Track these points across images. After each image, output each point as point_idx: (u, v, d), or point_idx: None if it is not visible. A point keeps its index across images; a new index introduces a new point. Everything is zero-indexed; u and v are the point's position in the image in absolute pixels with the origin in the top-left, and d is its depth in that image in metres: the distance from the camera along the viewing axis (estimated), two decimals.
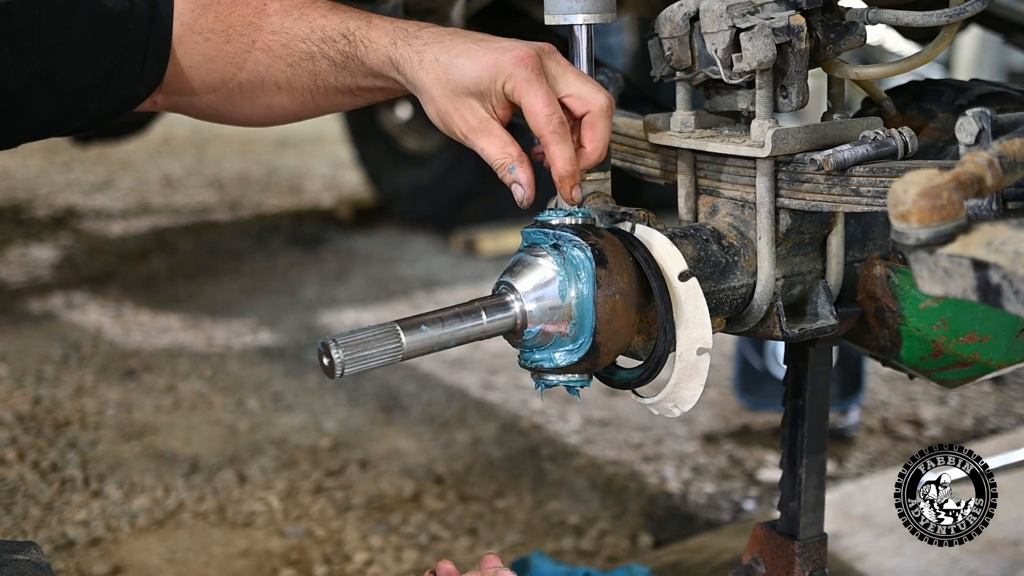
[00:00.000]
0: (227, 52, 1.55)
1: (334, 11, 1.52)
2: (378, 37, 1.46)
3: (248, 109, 1.62)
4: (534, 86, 1.34)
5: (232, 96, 1.60)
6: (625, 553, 2.58)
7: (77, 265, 5.00)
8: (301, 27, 1.52)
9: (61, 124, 1.55)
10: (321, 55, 1.51)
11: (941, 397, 3.45)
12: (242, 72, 1.56)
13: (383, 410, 3.38)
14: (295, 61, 1.53)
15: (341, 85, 1.53)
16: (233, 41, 1.55)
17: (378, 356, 1.22)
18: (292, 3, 1.55)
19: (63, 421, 3.27)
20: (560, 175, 1.34)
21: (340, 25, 1.49)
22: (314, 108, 1.60)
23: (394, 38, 1.45)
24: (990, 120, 1.12)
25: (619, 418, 3.28)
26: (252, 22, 1.54)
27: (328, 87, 1.54)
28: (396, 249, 5.21)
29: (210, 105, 1.62)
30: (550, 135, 1.33)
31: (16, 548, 1.36)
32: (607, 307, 1.27)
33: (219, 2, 1.56)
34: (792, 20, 1.31)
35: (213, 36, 1.55)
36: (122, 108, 1.58)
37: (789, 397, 1.64)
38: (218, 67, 1.57)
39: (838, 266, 1.47)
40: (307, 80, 1.54)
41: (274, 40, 1.53)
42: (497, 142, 1.38)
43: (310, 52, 1.51)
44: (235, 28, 1.55)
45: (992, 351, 1.49)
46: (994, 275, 0.95)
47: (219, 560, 2.55)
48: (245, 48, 1.55)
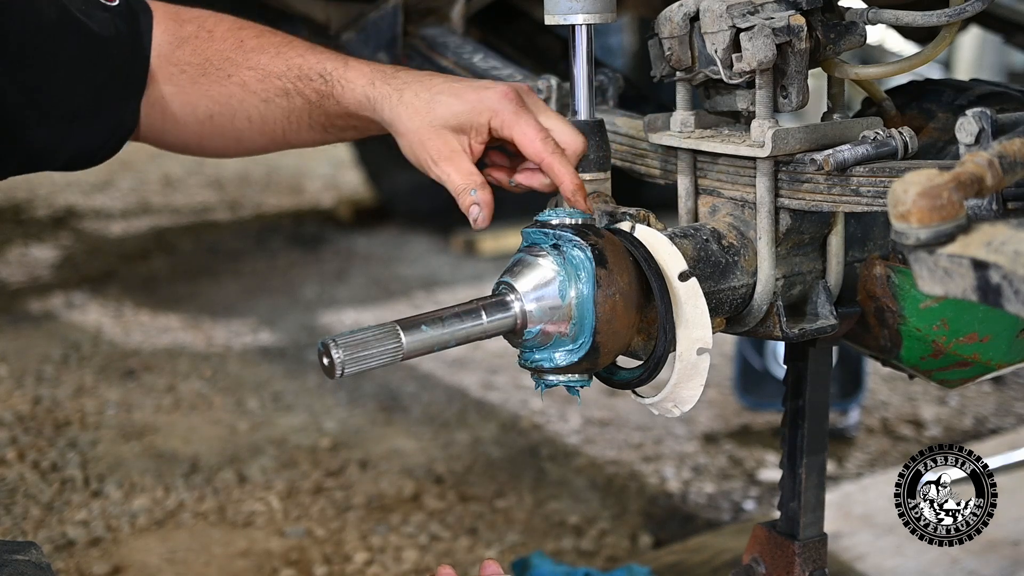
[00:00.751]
0: (201, 85, 1.57)
1: (312, 51, 1.55)
2: (355, 77, 1.50)
3: (218, 142, 1.64)
4: (522, 118, 1.40)
5: (202, 128, 1.61)
6: (625, 553, 2.58)
7: (77, 265, 5.00)
8: (278, 64, 1.54)
9: (53, 153, 1.55)
10: (296, 92, 1.53)
11: (941, 397, 3.45)
12: (215, 105, 1.58)
13: (383, 410, 3.38)
14: (269, 97, 1.55)
15: (314, 123, 1.57)
16: (209, 75, 1.57)
17: (378, 356, 1.22)
18: (270, 41, 1.57)
19: (63, 421, 3.27)
20: (571, 189, 1.38)
21: (317, 65, 1.53)
22: (284, 143, 1.63)
23: (372, 78, 1.48)
24: (990, 120, 1.12)
25: (619, 418, 3.28)
26: (229, 57, 1.56)
27: (301, 124, 1.57)
28: (396, 249, 5.21)
29: (179, 138, 1.64)
30: (551, 156, 1.38)
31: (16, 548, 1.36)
32: (607, 307, 1.27)
33: (198, 36, 1.58)
34: (792, 20, 1.31)
35: (189, 69, 1.57)
36: (111, 139, 1.58)
37: (789, 397, 1.64)
38: (191, 99, 1.58)
39: (838, 266, 1.47)
40: (280, 116, 1.57)
41: (250, 75, 1.55)
42: (463, 169, 1.42)
43: (285, 89, 1.54)
44: (212, 62, 1.57)
45: (992, 351, 1.49)
46: (994, 275, 0.95)
47: (219, 560, 2.55)
48: (220, 81, 1.57)
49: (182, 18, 1.59)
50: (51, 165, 1.57)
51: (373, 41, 2.09)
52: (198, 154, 1.69)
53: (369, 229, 5.56)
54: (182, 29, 1.58)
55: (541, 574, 2.31)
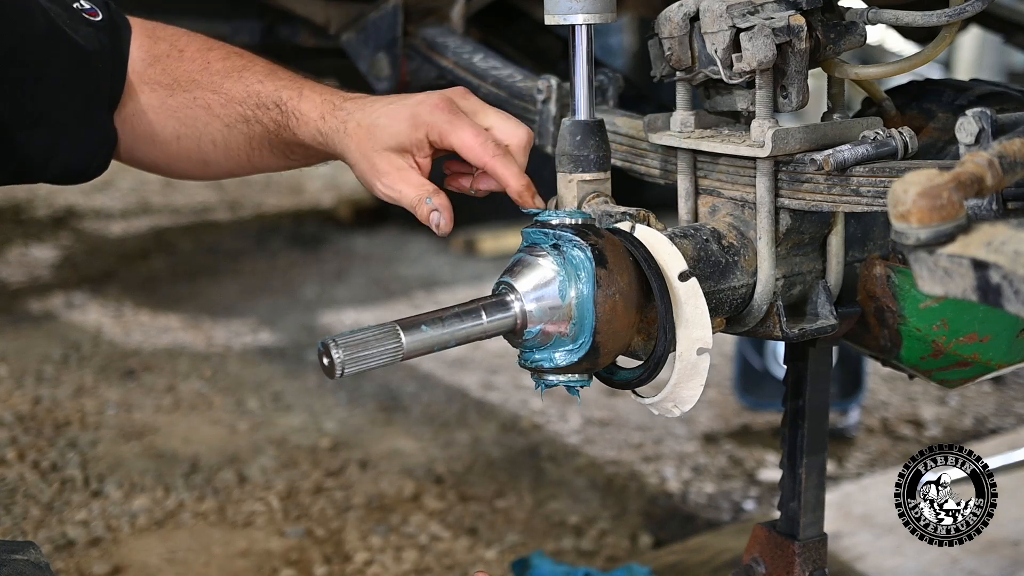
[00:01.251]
0: (169, 105, 1.57)
1: (270, 76, 1.55)
2: (308, 110, 1.49)
3: (185, 164, 1.64)
4: (456, 124, 1.39)
5: (169, 148, 1.61)
6: (625, 553, 2.58)
7: (77, 265, 5.00)
8: (239, 90, 1.55)
9: (43, 164, 1.54)
10: (255, 120, 1.54)
11: (941, 397, 3.45)
12: (182, 126, 1.58)
13: (383, 410, 3.38)
14: (231, 123, 1.56)
15: (276, 150, 1.57)
16: (176, 95, 1.57)
17: (378, 356, 1.22)
18: (233, 64, 1.57)
19: (63, 421, 3.27)
20: (516, 190, 1.38)
21: (274, 94, 1.52)
22: (249, 167, 1.63)
23: (322, 111, 1.48)
24: (990, 120, 1.12)
25: (619, 418, 3.28)
26: (195, 79, 1.56)
27: (263, 149, 1.57)
28: (396, 249, 5.21)
29: (148, 156, 1.63)
30: (491, 159, 1.38)
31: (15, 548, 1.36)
32: (607, 307, 1.27)
33: (169, 55, 1.58)
34: (792, 20, 1.31)
35: (159, 88, 1.57)
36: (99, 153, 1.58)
37: (789, 397, 1.64)
38: (160, 118, 1.58)
39: (838, 266, 1.47)
40: (242, 141, 1.57)
41: (214, 99, 1.56)
42: (413, 182, 1.42)
43: (245, 116, 1.54)
44: (179, 83, 1.57)
45: (992, 351, 1.49)
46: (994, 275, 0.95)
47: (219, 560, 2.55)
48: (186, 103, 1.57)
49: (157, 35, 1.60)
50: (41, 176, 1.57)
51: (373, 41, 2.09)
52: (168, 174, 1.69)
53: (369, 229, 5.56)
54: (156, 47, 1.58)
55: (541, 574, 2.31)
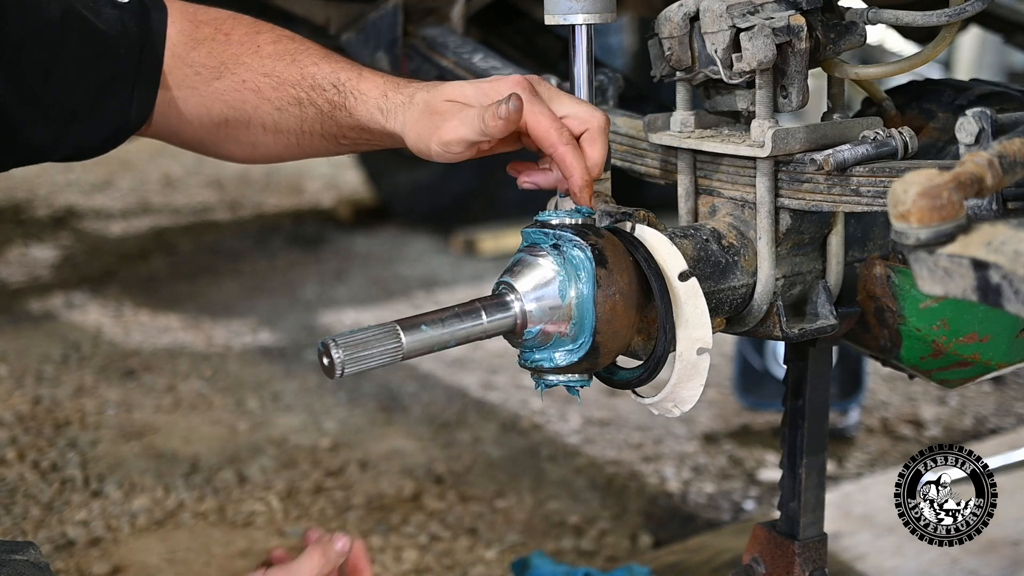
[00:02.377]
0: (216, 88, 1.56)
1: (326, 59, 1.53)
2: (368, 89, 1.47)
3: (232, 146, 1.63)
4: (536, 106, 1.35)
5: (218, 131, 1.60)
6: (625, 553, 2.58)
7: (77, 265, 4.99)
8: (292, 72, 1.53)
9: (52, 149, 1.54)
10: (309, 102, 1.52)
11: (941, 397, 3.45)
12: (229, 110, 1.57)
13: (383, 410, 3.38)
14: (283, 105, 1.54)
15: (327, 133, 1.55)
16: (224, 78, 1.55)
17: (378, 356, 1.22)
18: (286, 48, 1.55)
19: (63, 421, 3.27)
20: (579, 184, 1.34)
21: (331, 75, 1.51)
22: (298, 152, 1.61)
23: (384, 89, 1.46)
24: (990, 120, 1.12)
25: (619, 418, 3.28)
26: (244, 62, 1.55)
27: (314, 133, 1.55)
28: (396, 249, 5.21)
29: (194, 137, 1.62)
30: (564, 147, 1.34)
31: (14, 548, 1.36)
32: (607, 307, 1.27)
33: (214, 39, 1.57)
34: (792, 20, 1.31)
35: (204, 71, 1.56)
36: (113, 136, 1.57)
37: (789, 397, 1.64)
38: (206, 101, 1.57)
39: (838, 266, 1.47)
40: (294, 124, 1.55)
41: (264, 82, 1.54)
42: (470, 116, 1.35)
43: (298, 98, 1.52)
44: (227, 66, 1.55)
45: (992, 351, 1.49)
46: (994, 275, 0.95)
47: (219, 560, 2.55)
48: (235, 87, 1.55)
49: (199, 19, 1.58)
50: (50, 158, 1.57)
51: (373, 41, 2.09)
52: (216, 156, 1.67)
53: (369, 229, 5.56)
54: (198, 30, 1.57)
55: (541, 574, 2.31)
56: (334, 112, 1.50)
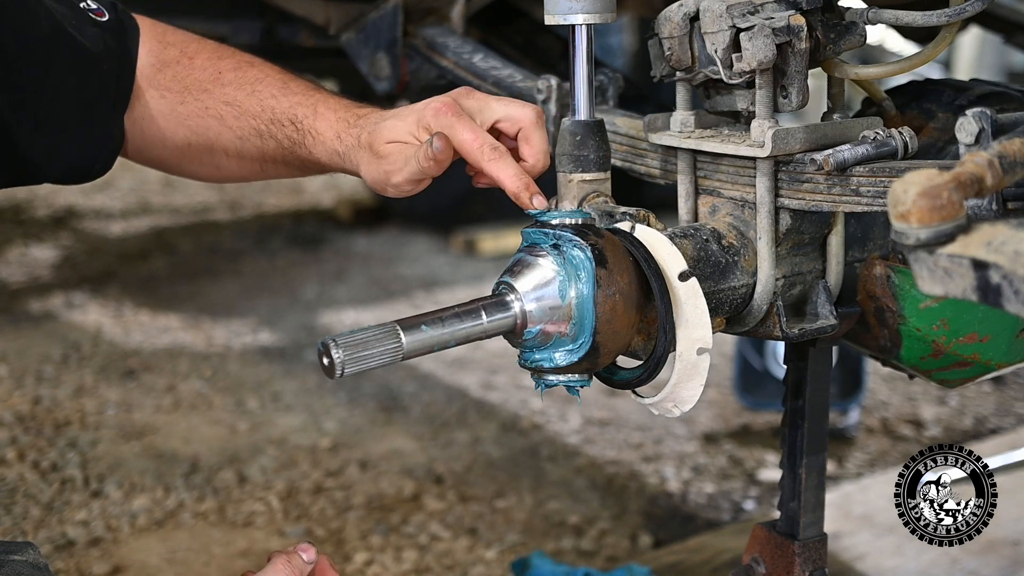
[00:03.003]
0: (180, 113, 1.57)
1: (284, 91, 1.55)
2: (324, 129, 1.50)
3: (196, 167, 1.65)
4: (456, 126, 1.39)
5: (182, 154, 1.62)
6: (625, 553, 2.58)
7: (77, 265, 4.99)
8: (252, 104, 1.55)
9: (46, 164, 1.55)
10: (269, 135, 1.54)
11: (941, 397, 3.45)
12: (193, 135, 1.58)
13: (383, 410, 3.38)
14: (244, 135, 1.56)
15: (290, 163, 1.57)
16: (187, 103, 1.57)
17: (378, 356, 1.22)
18: (246, 76, 1.57)
19: (63, 421, 3.27)
20: (513, 192, 1.37)
21: (289, 111, 1.53)
22: (263, 175, 1.64)
23: (337, 131, 1.49)
24: (990, 120, 1.12)
25: (619, 418, 3.28)
26: (207, 88, 1.56)
27: (277, 161, 1.58)
28: (396, 249, 5.21)
29: (159, 157, 1.64)
30: (487, 162, 1.38)
31: (13, 549, 1.36)
32: (607, 307, 1.27)
33: (179, 62, 1.58)
34: (792, 20, 1.31)
35: (168, 95, 1.57)
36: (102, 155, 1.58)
37: (789, 397, 1.64)
38: (170, 124, 1.58)
39: (838, 266, 1.47)
40: (256, 153, 1.57)
41: (226, 111, 1.56)
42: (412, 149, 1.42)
43: (259, 130, 1.55)
44: (190, 91, 1.57)
45: (992, 351, 1.49)
46: (994, 275, 0.95)
47: (219, 560, 2.55)
48: (198, 112, 1.57)
49: (166, 40, 1.60)
50: (45, 177, 1.57)
51: (373, 41, 2.09)
52: (181, 175, 1.69)
53: (369, 229, 5.56)
54: (165, 52, 1.59)
55: (541, 574, 2.31)
56: (294, 148, 1.53)
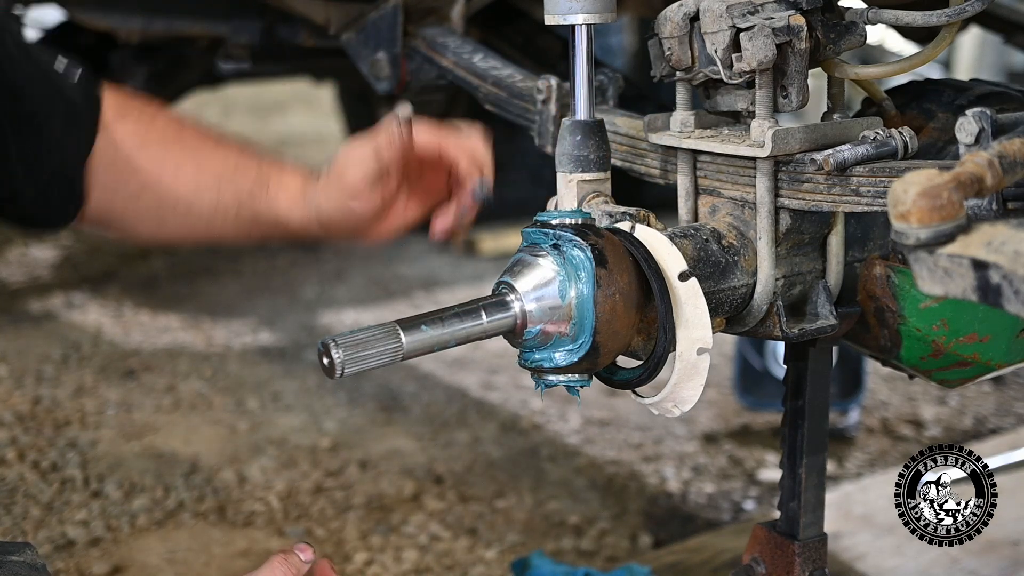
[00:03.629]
0: (135, 161, 1.58)
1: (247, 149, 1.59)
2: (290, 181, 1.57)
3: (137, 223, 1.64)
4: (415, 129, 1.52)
5: (126, 206, 1.61)
6: (625, 553, 2.58)
7: (77, 265, 4.99)
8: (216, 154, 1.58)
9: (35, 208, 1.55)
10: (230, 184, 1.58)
11: (941, 397, 3.45)
12: (142, 188, 1.58)
13: (383, 410, 3.38)
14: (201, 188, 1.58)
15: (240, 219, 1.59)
16: (146, 149, 1.58)
17: (378, 356, 1.22)
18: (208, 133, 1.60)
19: (63, 421, 3.27)
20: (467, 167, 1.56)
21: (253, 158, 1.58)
22: (205, 236, 1.65)
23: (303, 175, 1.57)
24: (990, 120, 1.12)
25: (619, 418, 3.28)
26: (168, 140, 1.60)
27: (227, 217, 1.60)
28: (396, 249, 5.21)
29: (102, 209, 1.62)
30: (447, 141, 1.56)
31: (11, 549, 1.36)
32: (607, 307, 1.27)
33: (140, 117, 1.59)
34: (792, 20, 1.31)
35: (124, 145, 1.58)
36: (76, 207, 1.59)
37: (789, 397, 1.64)
38: (123, 175, 1.58)
39: (838, 266, 1.47)
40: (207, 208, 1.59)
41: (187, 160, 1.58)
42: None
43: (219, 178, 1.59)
44: (149, 142, 1.58)
45: (992, 351, 1.49)
46: (994, 275, 0.95)
47: (219, 560, 2.55)
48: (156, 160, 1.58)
49: (126, 93, 1.62)
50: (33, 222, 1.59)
51: (373, 41, 2.09)
52: (118, 230, 1.68)
53: None
54: (125, 105, 1.60)
55: (541, 574, 2.31)
56: (252, 200, 1.56)
